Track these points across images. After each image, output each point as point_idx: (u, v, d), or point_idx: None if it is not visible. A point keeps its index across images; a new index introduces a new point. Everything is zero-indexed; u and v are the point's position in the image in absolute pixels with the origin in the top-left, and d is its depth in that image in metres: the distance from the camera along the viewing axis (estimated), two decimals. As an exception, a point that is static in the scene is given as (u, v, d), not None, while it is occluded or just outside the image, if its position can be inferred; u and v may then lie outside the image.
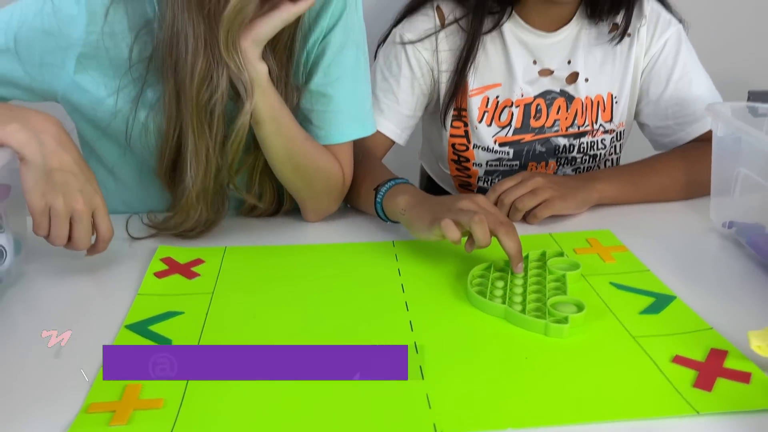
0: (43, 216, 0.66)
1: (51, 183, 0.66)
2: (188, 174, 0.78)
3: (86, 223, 0.68)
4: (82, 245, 0.69)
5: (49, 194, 0.66)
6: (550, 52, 1.00)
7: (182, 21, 0.72)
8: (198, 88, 0.74)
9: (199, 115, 0.75)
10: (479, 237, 0.68)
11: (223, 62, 0.73)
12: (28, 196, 0.65)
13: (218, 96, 0.74)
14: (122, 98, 0.79)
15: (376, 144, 0.96)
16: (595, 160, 1.06)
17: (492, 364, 0.59)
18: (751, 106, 0.84)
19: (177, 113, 0.77)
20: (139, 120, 0.80)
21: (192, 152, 0.77)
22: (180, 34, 0.73)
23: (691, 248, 0.83)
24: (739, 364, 0.58)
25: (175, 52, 0.74)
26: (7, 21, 0.76)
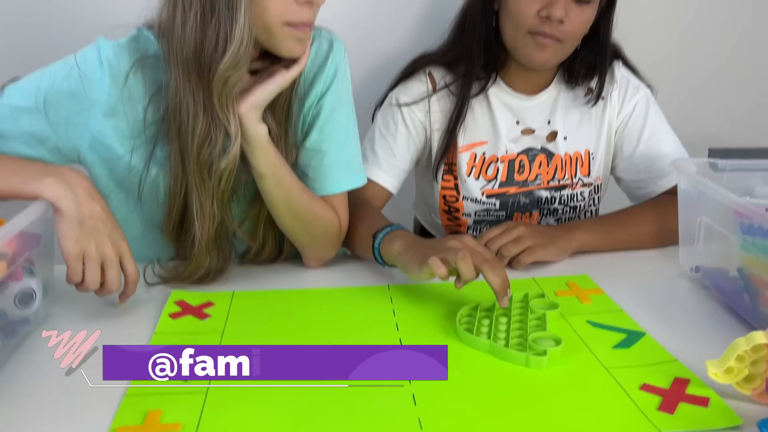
0: (78, 261, 0.73)
1: (83, 230, 0.73)
2: (196, 226, 0.86)
3: (116, 266, 0.75)
4: (114, 287, 0.76)
5: (82, 241, 0.73)
6: (531, 113, 1.10)
7: (184, 89, 0.81)
8: (199, 147, 0.82)
9: (201, 172, 0.84)
10: (464, 272, 0.75)
11: (221, 123, 0.82)
12: (63, 243, 0.73)
13: (216, 153, 0.83)
14: (136, 156, 0.88)
15: (375, 195, 1.05)
16: (575, 211, 1.14)
17: (478, 391, 0.65)
18: (712, 162, 0.93)
19: (182, 173, 0.86)
20: (151, 176, 0.88)
21: (197, 206, 0.85)
22: (182, 100, 0.82)
23: (662, 291, 0.90)
24: (700, 390, 0.64)
25: (179, 116, 0.83)
26: (38, 84, 0.85)
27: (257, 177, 0.87)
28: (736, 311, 0.81)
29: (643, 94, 1.11)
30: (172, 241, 0.92)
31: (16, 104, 0.84)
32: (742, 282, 0.79)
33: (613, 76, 1.10)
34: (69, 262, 0.73)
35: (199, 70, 0.80)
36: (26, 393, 0.65)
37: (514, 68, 1.08)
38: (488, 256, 0.78)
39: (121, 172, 0.88)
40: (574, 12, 0.98)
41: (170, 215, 0.89)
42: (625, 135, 1.11)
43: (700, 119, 1.41)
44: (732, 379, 0.63)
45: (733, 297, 0.82)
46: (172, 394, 0.64)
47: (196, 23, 0.78)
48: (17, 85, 0.85)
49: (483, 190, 1.11)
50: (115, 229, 0.77)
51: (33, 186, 0.75)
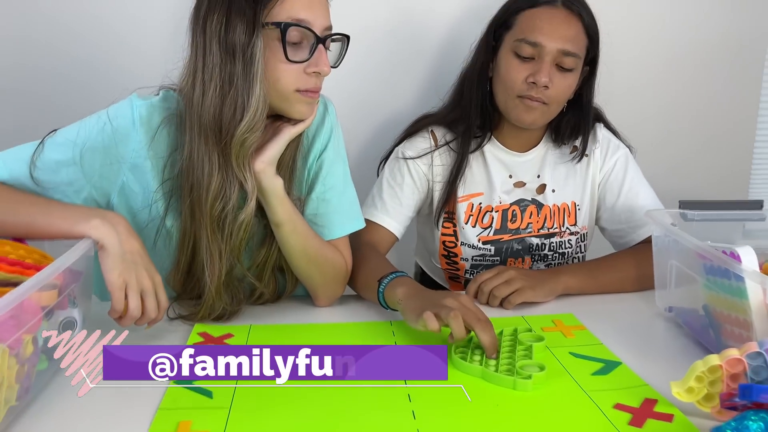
0: (121, 291, 0.82)
1: (125, 264, 0.83)
2: (206, 275, 0.94)
3: (154, 295, 0.85)
4: (153, 314, 0.85)
5: (125, 273, 0.83)
6: (522, 168, 1.21)
7: (199, 149, 0.91)
8: (212, 203, 0.92)
9: (212, 225, 0.93)
10: (455, 330, 0.82)
11: (236, 180, 0.92)
12: (108, 276, 0.82)
13: (230, 207, 0.93)
14: (156, 208, 0.97)
15: (382, 239, 1.15)
16: (563, 257, 1.24)
17: (470, 409, 0.73)
18: (682, 212, 1.04)
19: (191, 226, 0.95)
20: (166, 227, 0.98)
21: (207, 256, 0.94)
22: (197, 161, 0.91)
23: (639, 328, 0.99)
24: (666, 408, 0.73)
25: (193, 174, 0.92)
26: (74, 138, 0.94)
27: (275, 226, 0.97)
28: (704, 345, 0.90)
29: (622, 153, 1.22)
30: (176, 288, 1.00)
31: (56, 158, 0.93)
32: (707, 318, 0.88)
33: (596, 136, 1.22)
34: (113, 292, 0.82)
35: (217, 134, 0.89)
36: (68, 408, 0.74)
37: (506, 128, 1.20)
38: (481, 316, 0.84)
39: (143, 220, 0.97)
40: (558, 78, 1.10)
41: (178, 265, 0.98)
42: (607, 188, 1.22)
43: (675, 175, 1.53)
44: (693, 398, 0.71)
45: (701, 332, 0.91)
46: (200, 408, 0.72)
47: (216, 93, 0.88)
48: (55, 139, 0.94)
49: (479, 237, 1.21)
50: (150, 262, 0.87)
51: (81, 227, 0.85)
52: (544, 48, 1.09)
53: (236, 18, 0.86)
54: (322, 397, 0.75)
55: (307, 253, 0.99)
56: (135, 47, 1.36)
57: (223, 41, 0.86)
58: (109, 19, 1.35)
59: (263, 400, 0.74)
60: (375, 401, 0.74)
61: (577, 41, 1.11)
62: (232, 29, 0.86)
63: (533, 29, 1.10)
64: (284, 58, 0.88)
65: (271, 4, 0.87)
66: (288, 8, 0.87)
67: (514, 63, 1.12)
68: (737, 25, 1.52)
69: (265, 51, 0.88)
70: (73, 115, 0.97)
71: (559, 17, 1.10)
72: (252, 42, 0.86)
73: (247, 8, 0.86)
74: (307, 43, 0.90)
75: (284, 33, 0.87)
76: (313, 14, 0.89)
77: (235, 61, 0.86)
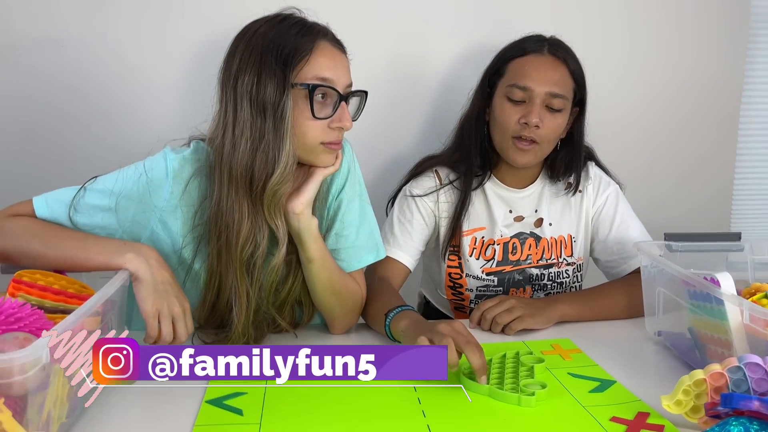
0: (155, 318, 0.89)
1: (157, 293, 0.90)
2: (234, 314, 1.01)
3: (184, 321, 0.92)
4: (184, 338, 0.92)
5: (158, 302, 0.90)
6: (521, 203, 1.31)
7: (229, 199, 0.98)
8: (242, 247, 0.99)
9: (241, 268, 1.00)
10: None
11: (266, 226, 0.99)
12: (143, 304, 0.90)
13: (259, 252, 1.00)
14: (185, 252, 1.04)
15: (396, 272, 1.22)
16: (562, 287, 1.32)
17: (480, 423, 0.80)
18: (668, 244, 1.13)
19: (217, 267, 1.01)
20: (194, 269, 1.04)
21: (235, 298, 1.01)
22: (226, 208, 0.98)
23: (631, 351, 1.07)
24: (657, 420, 0.80)
25: (221, 221, 0.99)
26: (111, 187, 1.01)
27: (307, 262, 1.03)
28: (691, 365, 0.97)
29: (613, 189, 1.32)
30: (200, 320, 1.05)
31: (94, 203, 1.00)
32: (693, 339, 0.96)
33: (588, 173, 1.32)
34: (148, 319, 0.90)
35: (248, 185, 0.97)
36: (109, 425, 0.80)
37: (505, 167, 1.30)
38: (471, 339, 0.89)
39: (172, 264, 1.02)
40: (548, 118, 1.20)
41: (204, 303, 1.04)
42: (599, 222, 1.31)
43: (660, 210, 1.63)
44: (681, 410, 0.79)
45: (687, 353, 0.99)
46: (233, 425, 0.79)
47: (247, 148, 0.95)
48: (95, 185, 1.01)
49: (483, 269, 1.29)
50: (180, 290, 0.94)
51: (117, 260, 0.92)
52: (533, 91, 1.19)
53: (267, 78, 0.94)
54: (343, 405, 0.82)
55: (333, 286, 1.06)
56: (149, 103, 1.45)
57: (255, 99, 0.94)
58: (126, 77, 1.43)
59: (290, 415, 0.81)
60: (390, 407, 0.81)
61: (564, 84, 1.21)
62: (263, 88, 0.94)
63: (523, 75, 1.21)
64: (311, 115, 0.96)
65: (300, 65, 0.95)
66: (314, 68, 0.96)
67: (507, 106, 1.22)
68: (713, 66, 1.64)
69: (294, 108, 0.96)
70: (89, 163, 1.10)
71: (546, 63, 1.21)
72: (282, 101, 0.94)
73: (277, 69, 0.94)
74: (330, 100, 0.98)
75: (312, 93, 0.96)
76: (336, 74, 0.98)
77: (266, 118, 0.94)
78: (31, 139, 1.42)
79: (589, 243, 1.34)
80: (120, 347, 0.70)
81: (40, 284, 0.87)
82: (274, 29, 0.97)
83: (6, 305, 0.71)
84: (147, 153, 1.06)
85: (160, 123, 1.41)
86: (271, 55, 0.95)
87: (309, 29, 0.99)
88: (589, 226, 1.32)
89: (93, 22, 1.39)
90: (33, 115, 1.42)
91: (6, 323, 0.69)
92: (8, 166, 1.42)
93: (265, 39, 0.96)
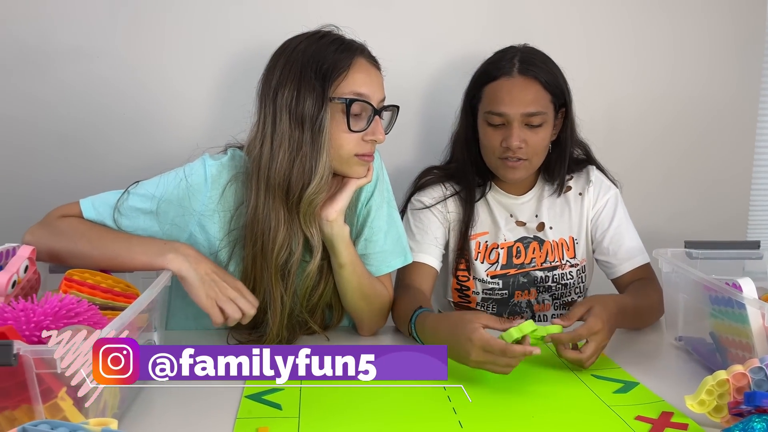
0: (214, 308, 0.95)
1: (205, 285, 0.96)
2: (269, 316, 1.05)
3: (243, 298, 0.97)
4: (250, 311, 0.98)
5: (210, 292, 0.95)
6: (521, 209, 1.34)
7: (266, 206, 1.02)
8: (277, 253, 1.03)
9: (276, 273, 1.04)
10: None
11: (301, 233, 1.04)
12: (198, 300, 0.95)
13: (294, 259, 1.04)
14: (221, 254, 1.09)
15: (425, 277, 1.25)
16: (566, 288, 1.35)
17: (508, 421, 0.84)
18: (688, 251, 1.16)
19: (252, 272, 1.05)
20: (229, 271, 1.08)
21: (270, 300, 1.05)
22: (262, 214, 1.02)
23: (653, 355, 1.10)
24: (681, 419, 0.83)
25: (257, 227, 1.03)
26: (153, 191, 1.06)
27: (338, 267, 1.08)
28: (712, 368, 1.00)
29: (613, 193, 1.35)
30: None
31: (137, 206, 1.06)
32: (714, 343, 0.99)
33: (589, 177, 1.35)
34: (208, 310, 0.95)
35: (285, 194, 1.01)
36: (153, 418, 0.84)
37: None
38: (499, 361, 0.91)
39: None
40: (530, 136, 1.23)
41: None
42: (598, 224, 1.34)
43: (678, 218, 1.66)
44: (705, 409, 0.81)
45: (708, 357, 1.02)
46: (273, 418, 0.83)
47: (285, 158, 1.00)
48: (138, 190, 1.07)
49: (488, 272, 1.33)
50: (227, 273, 0.99)
51: (160, 261, 0.97)
52: (509, 115, 1.22)
53: (306, 92, 0.99)
54: (376, 402, 0.86)
55: (362, 290, 1.11)
56: (179, 112, 1.49)
57: (294, 112, 0.99)
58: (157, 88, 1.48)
59: (327, 409, 0.85)
60: (421, 404, 0.85)
61: (538, 101, 1.24)
62: (302, 102, 0.99)
63: (497, 101, 1.24)
64: (347, 128, 1.01)
65: (338, 81, 1.00)
66: (351, 84, 1.01)
67: (488, 131, 1.26)
68: (729, 74, 1.65)
69: (331, 121, 1.00)
70: (119, 170, 1.23)
71: (518, 85, 1.23)
72: (321, 115, 0.99)
73: (316, 84, 0.99)
74: (365, 114, 1.03)
75: (348, 107, 1.00)
76: (372, 89, 1.03)
77: (304, 130, 0.99)
78: (67, 146, 1.47)
79: (590, 244, 1.37)
80: (120, 347, 0.68)
81: (89, 283, 0.92)
82: (313, 45, 1.02)
83: (66, 301, 0.76)
84: (174, 162, 1.12)
85: (191, 132, 1.45)
86: (311, 70, 1.00)
87: (347, 46, 1.03)
88: (588, 228, 1.36)
89: (128, 34, 1.44)
90: (70, 122, 1.46)
91: (67, 317, 0.74)
92: (46, 171, 1.47)
93: (305, 55, 1.01)
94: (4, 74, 1.43)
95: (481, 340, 0.91)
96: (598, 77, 1.58)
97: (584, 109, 1.33)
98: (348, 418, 0.84)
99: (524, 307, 1.35)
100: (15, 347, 0.62)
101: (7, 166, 1.46)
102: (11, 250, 0.96)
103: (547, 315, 1.36)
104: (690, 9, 1.61)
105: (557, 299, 1.35)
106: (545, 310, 1.36)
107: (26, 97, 1.44)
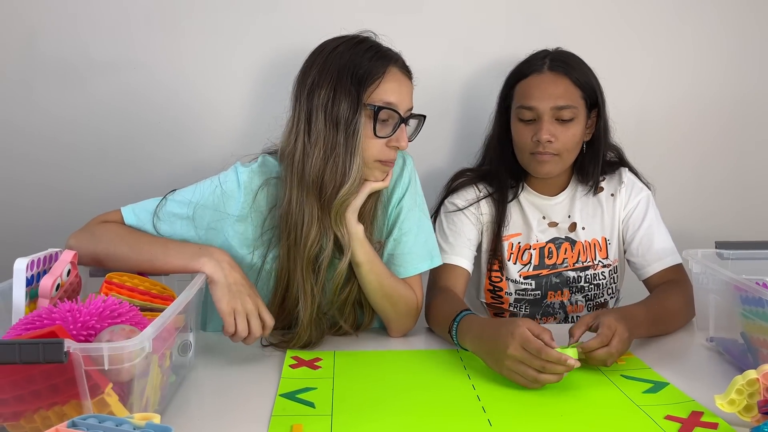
0: (231, 316, 0.97)
1: (231, 293, 0.98)
2: (299, 308, 1.08)
3: (258, 317, 0.99)
4: (258, 333, 0.99)
5: (232, 301, 0.98)
6: (554, 210, 1.35)
7: (300, 204, 1.06)
8: (310, 248, 1.07)
9: (308, 267, 1.08)
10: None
11: (331, 231, 1.07)
12: (219, 304, 0.98)
13: (324, 255, 1.08)
14: (256, 255, 1.13)
15: (458, 278, 1.27)
16: (599, 288, 1.36)
17: (537, 420, 0.85)
18: (719, 252, 1.15)
19: (287, 265, 1.09)
20: (265, 269, 1.12)
21: (301, 294, 1.09)
22: (298, 212, 1.06)
23: (683, 356, 1.10)
24: (711, 418, 0.84)
25: (292, 223, 1.07)
26: (190, 198, 1.11)
27: (355, 265, 1.11)
28: (743, 369, 0.99)
29: (645, 195, 1.35)
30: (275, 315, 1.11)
31: (175, 212, 1.10)
32: (745, 344, 0.98)
33: (621, 178, 1.35)
34: (224, 317, 0.97)
35: (317, 192, 1.05)
36: (190, 415, 0.87)
37: (535, 177, 1.34)
38: (536, 365, 0.91)
39: (244, 267, 1.10)
40: (560, 131, 1.25)
41: (275, 298, 1.13)
42: (629, 224, 1.34)
43: (709, 218, 1.64)
44: (735, 408, 0.81)
45: (740, 357, 1.01)
46: (307, 416, 0.85)
47: (319, 156, 1.04)
48: (175, 196, 1.12)
49: (520, 273, 1.33)
50: (252, 289, 1.02)
51: (194, 264, 1.01)
52: (539, 109, 1.24)
53: (341, 95, 1.03)
54: (406, 401, 0.88)
55: (383, 289, 1.13)
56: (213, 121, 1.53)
57: (329, 113, 1.03)
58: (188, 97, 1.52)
59: (358, 408, 0.87)
60: (451, 403, 0.86)
61: (568, 95, 1.25)
62: (337, 104, 1.02)
63: (527, 96, 1.26)
64: (373, 134, 1.05)
65: (372, 88, 1.04)
66: (382, 92, 1.05)
67: (520, 127, 1.28)
68: (761, 76, 1.64)
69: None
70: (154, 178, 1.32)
71: (547, 80, 1.26)
72: (356, 119, 1.03)
73: (351, 88, 1.03)
74: (392, 121, 1.06)
75: (377, 113, 1.04)
76: (401, 98, 1.06)
77: (338, 132, 1.03)
78: (107, 157, 1.52)
79: (622, 245, 1.37)
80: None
81: (128, 285, 0.95)
82: (351, 50, 1.05)
83: (109, 302, 0.79)
84: (209, 170, 1.16)
85: (226, 141, 1.49)
86: (347, 74, 1.03)
87: (383, 54, 1.07)
88: (620, 228, 1.36)
89: (162, 46, 1.49)
90: (108, 135, 1.51)
91: (110, 317, 0.77)
92: (86, 182, 1.52)
93: (342, 58, 1.04)
94: (44, 89, 1.48)
95: (522, 336, 0.93)
96: (626, 79, 1.58)
97: (613, 110, 1.33)
98: (379, 415, 0.85)
99: (557, 308, 1.36)
100: (66, 345, 0.65)
101: (50, 178, 1.51)
102: (55, 254, 1.00)
103: (580, 316, 1.36)
104: (715, 4, 1.60)
105: (590, 300, 1.35)
106: (578, 311, 1.37)
107: (66, 112, 1.49)
